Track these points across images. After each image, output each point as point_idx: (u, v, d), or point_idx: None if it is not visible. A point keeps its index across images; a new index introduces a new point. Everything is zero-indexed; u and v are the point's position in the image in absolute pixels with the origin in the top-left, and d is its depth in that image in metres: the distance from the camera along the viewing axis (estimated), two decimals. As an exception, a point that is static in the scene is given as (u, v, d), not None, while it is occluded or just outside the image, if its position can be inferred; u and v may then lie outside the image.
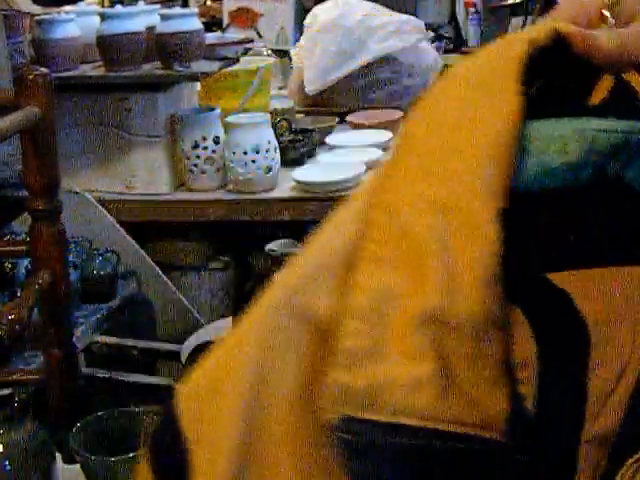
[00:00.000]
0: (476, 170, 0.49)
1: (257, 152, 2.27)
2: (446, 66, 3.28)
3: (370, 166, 2.40)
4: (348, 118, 2.87)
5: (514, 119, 0.49)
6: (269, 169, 2.30)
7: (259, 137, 2.28)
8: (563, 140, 0.50)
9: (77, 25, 2.35)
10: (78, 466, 1.24)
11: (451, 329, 0.47)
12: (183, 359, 2.09)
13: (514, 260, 0.48)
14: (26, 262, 1.94)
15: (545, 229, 0.51)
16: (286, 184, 2.36)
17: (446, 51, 4.33)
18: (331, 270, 0.52)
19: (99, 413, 1.29)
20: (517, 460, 0.49)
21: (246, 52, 2.72)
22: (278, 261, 1.39)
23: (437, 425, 0.48)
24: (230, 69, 2.49)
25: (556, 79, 0.53)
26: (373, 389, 0.48)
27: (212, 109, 2.39)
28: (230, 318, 1.81)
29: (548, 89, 0.52)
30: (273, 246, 1.43)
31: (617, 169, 0.50)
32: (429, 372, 0.48)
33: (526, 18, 3.93)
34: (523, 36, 0.51)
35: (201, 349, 1.72)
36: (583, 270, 0.51)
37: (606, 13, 0.53)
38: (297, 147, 2.53)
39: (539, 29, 0.51)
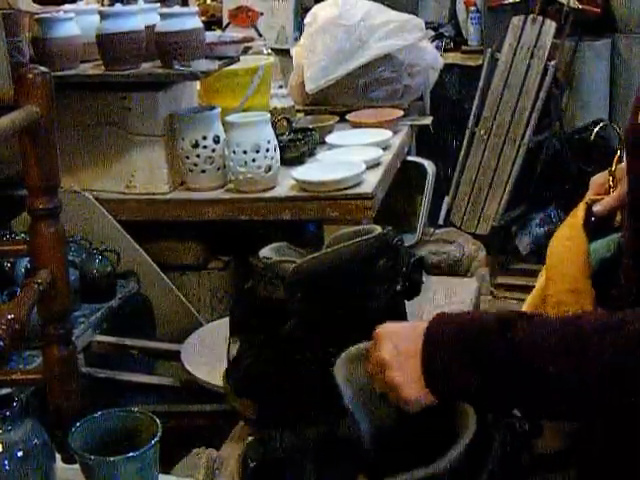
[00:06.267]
0: (578, 268, 1.25)
1: (257, 151, 2.27)
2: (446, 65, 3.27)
3: (370, 165, 2.40)
4: (348, 117, 2.87)
5: (584, 246, 1.26)
6: (269, 168, 2.30)
7: (259, 136, 2.27)
8: (604, 246, 1.28)
9: (77, 24, 2.34)
10: (78, 466, 1.24)
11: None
12: (183, 359, 2.09)
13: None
14: (25, 261, 1.94)
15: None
16: (286, 183, 2.36)
17: (446, 50, 4.33)
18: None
19: (99, 413, 1.29)
20: None
21: (246, 51, 2.72)
22: (272, 269, 1.36)
23: None
24: (230, 68, 2.48)
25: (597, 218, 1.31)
26: None
27: (212, 108, 2.39)
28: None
29: (597, 224, 1.30)
30: (267, 253, 1.38)
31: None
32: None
33: (526, 17, 3.92)
34: (581, 207, 1.30)
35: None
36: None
37: (609, 183, 1.31)
38: (297, 146, 2.53)
39: (581, 205, 1.31)
